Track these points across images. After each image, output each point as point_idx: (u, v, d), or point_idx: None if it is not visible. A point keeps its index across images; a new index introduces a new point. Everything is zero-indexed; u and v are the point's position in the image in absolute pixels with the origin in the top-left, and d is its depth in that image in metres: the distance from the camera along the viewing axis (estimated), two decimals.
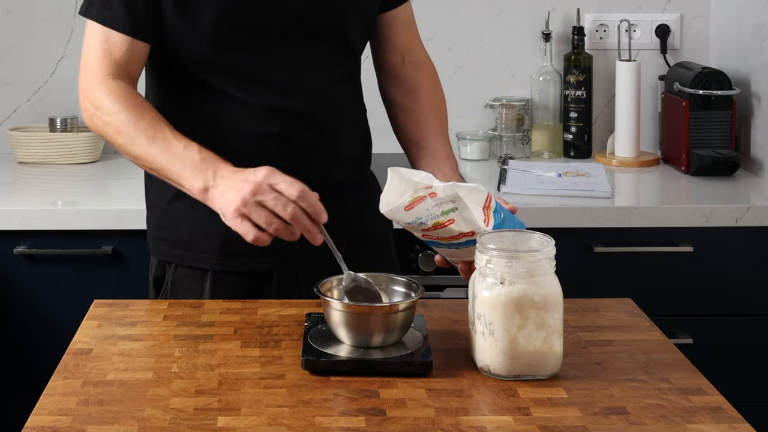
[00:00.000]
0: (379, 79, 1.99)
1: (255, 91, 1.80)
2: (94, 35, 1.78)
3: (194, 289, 1.85)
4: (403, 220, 1.56)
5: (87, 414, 1.36)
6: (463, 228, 1.54)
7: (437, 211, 1.53)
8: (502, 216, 1.59)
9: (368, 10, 1.89)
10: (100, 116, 1.75)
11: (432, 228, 1.55)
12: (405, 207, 1.54)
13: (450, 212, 1.54)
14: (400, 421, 1.33)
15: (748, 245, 2.51)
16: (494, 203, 1.60)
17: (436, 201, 1.53)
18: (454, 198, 1.53)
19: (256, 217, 1.56)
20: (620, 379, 1.46)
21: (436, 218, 1.54)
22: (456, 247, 1.59)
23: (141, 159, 1.72)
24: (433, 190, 1.53)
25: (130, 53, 1.77)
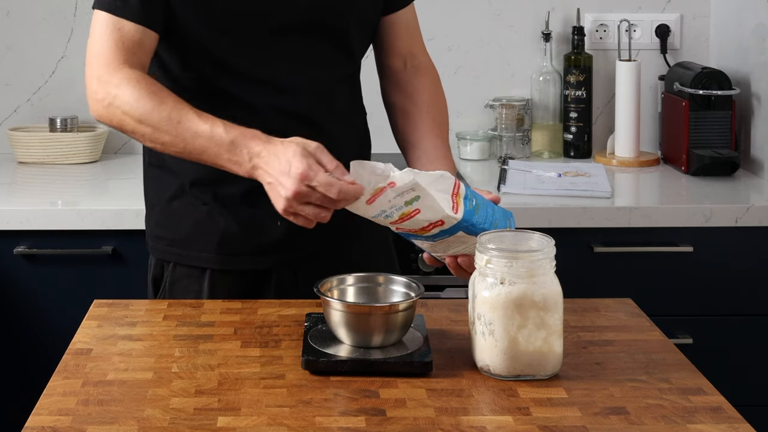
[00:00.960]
0: (382, 85, 1.99)
1: (256, 91, 1.80)
2: (104, 26, 1.75)
3: (193, 287, 1.86)
4: (367, 214, 1.55)
5: (87, 414, 1.36)
6: (430, 217, 1.52)
7: (400, 202, 1.52)
8: (474, 203, 1.56)
9: (370, 13, 1.89)
10: (119, 105, 1.70)
11: (399, 220, 1.54)
12: (366, 201, 1.53)
13: (413, 201, 1.52)
14: (400, 421, 1.33)
15: (748, 245, 2.51)
16: (464, 190, 1.56)
17: (396, 191, 1.51)
18: (413, 186, 1.50)
19: (305, 213, 1.55)
20: (620, 379, 1.46)
21: (400, 209, 1.52)
22: (432, 239, 1.57)
23: (170, 145, 1.68)
24: (390, 179, 1.51)
25: (142, 41, 1.75)
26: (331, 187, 1.52)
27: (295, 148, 1.56)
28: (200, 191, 1.84)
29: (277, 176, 1.56)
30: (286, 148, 1.57)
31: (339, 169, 1.54)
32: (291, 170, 1.54)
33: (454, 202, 1.54)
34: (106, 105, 1.72)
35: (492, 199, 1.65)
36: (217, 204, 1.84)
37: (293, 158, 1.54)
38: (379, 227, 1.71)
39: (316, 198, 1.53)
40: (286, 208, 1.55)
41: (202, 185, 1.84)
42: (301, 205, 1.54)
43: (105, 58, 1.74)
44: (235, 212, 1.83)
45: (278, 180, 1.56)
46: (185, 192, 1.85)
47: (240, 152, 1.61)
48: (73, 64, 3.00)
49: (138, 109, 1.68)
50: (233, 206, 1.83)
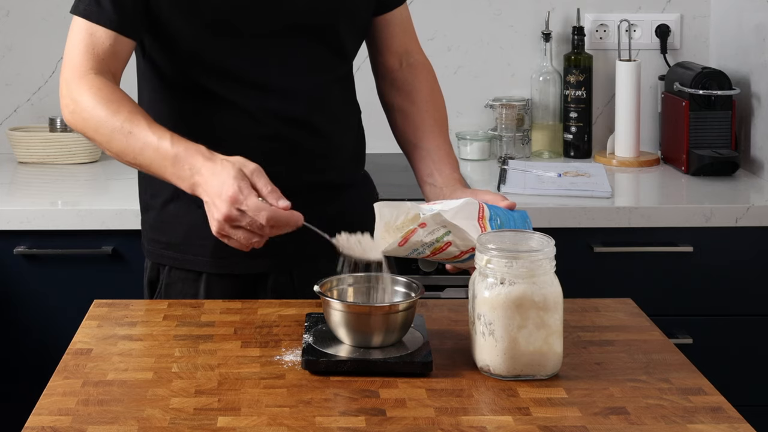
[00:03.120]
0: (378, 85, 1.99)
1: (249, 94, 1.80)
2: (78, 31, 1.76)
3: (188, 291, 1.85)
4: (401, 254, 1.57)
5: (87, 414, 1.36)
6: (462, 247, 1.57)
7: (431, 239, 1.55)
8: (499, 222, 1.60)
9: (361, 14, 1.89)
10: (79, 112, 1.72)
11: (432, 254, 1.57)
12: (398, 244, 1.55)
13: (444, 236, 1.55)
14: (400, 421, 1.33)
15: (748, 245, 2.51)
16: (488, 212, 1.61)
17: (426, 230, 1.54)
18: (443, 223, 1.54)
19: (237, 237, 1.56)
20: (620, 379, 1.46)
21: (432, 245, 1.56)
22: (461, 262, 1.61)
23: (122, 156, 1.69)
24: (421, 220, 1.53)
25: (113, 48, 1.75)
26: (260, 212, 1.52)
27: (230, 169, 1.55)
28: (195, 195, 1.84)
29: (212, 197, 1.56)
30: (223, 168, 1.56)
31: (273, 194, 1.54)
32: (223, 192, 1.54)
33: (482, 226, 1.58)
34: (71, 111, 1.74)
35: (508, 206, 1.68)
36: None
37: (227, 179, 1.54)
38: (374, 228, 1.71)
39: (246, 222, 1.53)
40: (218, 230, 1.56)
41: None
42: (232, 229, 1.54)
43: (74, 64, 1.75)
44: None
45: (213, 201, 1.56)
46: (180, 195, 1.85)
47: (182, 167, 1.62)
48: None
49: (94, 117, 1.70)
50: None
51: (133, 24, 1.76)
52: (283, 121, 1.81)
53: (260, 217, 1.52)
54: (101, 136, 1.70)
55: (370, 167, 2.02)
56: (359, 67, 2.01)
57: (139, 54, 1.86)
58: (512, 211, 1.67)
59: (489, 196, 1.71)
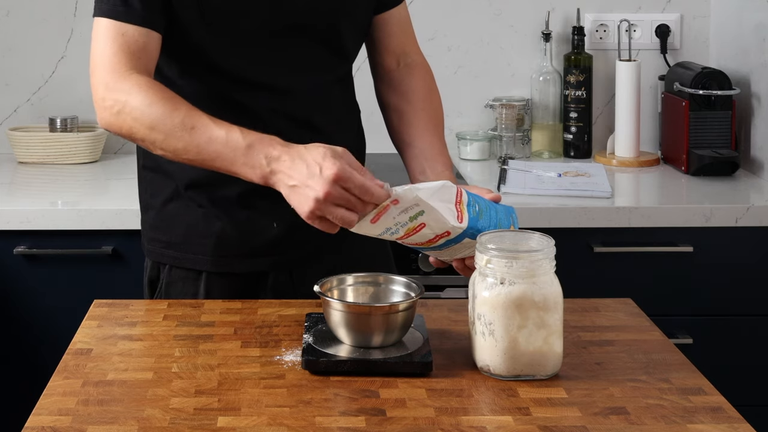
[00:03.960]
0: (376, 85, 1.99)
1: (252, 93, 1.80)
2: (106, 32, 1.73)
3: (189, 290, 1.85)
4: (372, 233, 1.54)
5: (87, 414, 1.36)
6: (436, 230, 1.53)
7: (404, 218, 1.51)
8: (477, 208, 1.56)
9: (362, 13, 1.89)
10: (129, 112, 1.67)
11: (405, 235, 1.54)
12: (371, 220, 1.52)
13: (418, 216, 1.51)
14: (400, 421, 1.33)
15: (748, 245, 2.51)
16: (466, 197, 1.56)
17: (399, 208, 1.50)
18: (416, 201, 1.50)
19: (333, 218, 1.52)
20: (620, 379, 1.46)
21: (405, 225, 1.52)
22: (438, 249, 1.58)
23: (183, 152, 1.65)
24: (394, 197, 1.50)
25: (146, 45, 1.73)
26: (366, 193, 1.49)
27: (324, 150, 1.53)
28: (195, 194, 1.84)
29: (303, 179, 1.53)
30: (311, 152, 1.54)
31: (368, 173, 1.53)
32: (323, 172, 1.50)
33: (458, 210, 1.53)
34: (116, 112, 1.69)
35: (493, 198, 1.65)
36: (213, 206, 1.83)
37: (324, 161, 1.52)
38: None
39: (346, 200, 1.51)
40: (314, 210, 1.52)
41: (197, 188, 1.83)
42: (331, 207, 1.51)
43: (111, 65, 1.71)
44: (230, 214, 1.83)
45: (305, 183, 1.52)
46: (180, 195, 1.85)
47: (257, 156, 1.58)
48: (73, 64, 3.00)
49: (150, 115, 1.65)
50: (229, 208, 1.83)
51: (159, 18, 1.74)
52: (283, 121, 1.81)
53: (366, 195, 1.49)
54: (158, 134, 1.65)
55: (370, 167, 2.01)
56: (359, 67, 2.01)
57: None
58: (497, 204, 1.63)
59: (474, 189, 1.68)
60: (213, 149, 1.62)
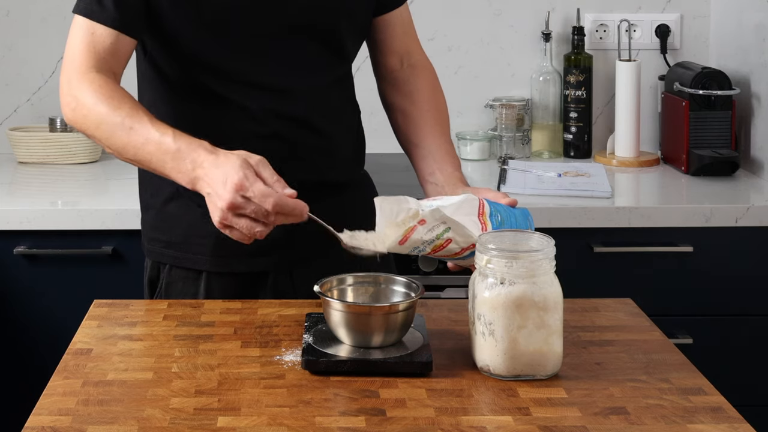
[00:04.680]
0: (379, 86, 1.99)
1: (249, 94, 1.80)
2: (79, 29, 1.76)
3: (189, 290, 1.85)
4: (402, 252, 1.57)
5: (87, 414, 1.36)
6: (462, 244, 1.56)
7: (431, 236, 1.55)
8: (499, 218, 1.60)
9: (361, 14, 1.89)
10: (80, 109, 1.71)
11: (432, 252, 1.57)
12: (399, 242, 1.54)
13: (444, 233, 1.55)
14: (400, 421, 1.33)
15: (748, 245, 2.51)
16: (488, 208, 1.60)
17: (426, 227, 1.54)
18: (443, 219, 1.53)
19: (239, 226, 1.54)
20: (620, 379, 1.46)
21: (432, 243, 1.55)
22: (462, 259, 1.60)
23: (122, 152, 1.68)
24: (420, 217, 1.53)
25: (114, 47, 1.75)
26: (266, 198, 1.51)
27: (235, 159, 1.55)
28: (195, 194, 1.83)
29: (214, 187, 1.55)
30: (227, 159, 1.56)
31: (279, 183, 1.54)
32: (227, 181, 1.53)
33: (482, 222, 1.57)
34: (72, 108, 1.73)
35: (509, 203, 1.68)
36: None
37: (231, 168, 1.53)
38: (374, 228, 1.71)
39: (251, 210, 1.52)
40: (221, 219, 1.54)
41: None
42: (235, 218, 1.53)
43: (76, 62, 1.74)
44: None
45: (215, 191, 1.55)
46: (180, 194, 1.85)
47: (184, 161, 1.61)
48: None
49: (96, 114, 1.69)
50: None
51: (134, 23, 1.76)
52: (283, 121, 1.81)
53: (266, 203, 1.51)
54: (102, 133, 1.69)
55: (370, 167, 2.02)
56: (359, 67, 2.01)
57: (141, 55, 1.86)
58: (513, 208, 1.67)
59: (490, 194, 1.71)
60: (147, 151, 1.65)
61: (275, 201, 1.51)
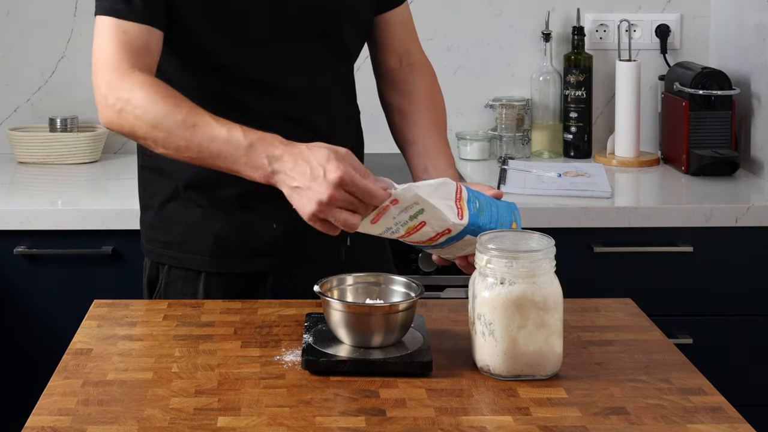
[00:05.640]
0: (378, 86, 1.99)
1: (253, 93, 1.80)
2: (107, 30, 1.72)
3: (188, 290, 1.85)
4: (373, 233, 1.54)
5: (87, 414, 1.36)
6: (437, 228, 1.52)
7: (404, 217, 1.51)
8: (477, 204, 1.55)
9: (363, 14, 1.89)
10: (131, 110, 1.66)
11: (406, 234, 1.53)
12: (371, 221, 1.52)
13: (418, 215, 1.51)
14: (400, 421, 1.33)
15: (748, 245, 2.51)
16: (466, 193, 1.55)
17: (399, 207, 1.50)
18: (416, 200, 1.49)
19: (335, 220, 1.51)
20: (620, 379, 1.46)
21: (406, 224, 1.52)
22: (440, 246, 1.57)
23: (184, 150, 1.64)
24: (393, 196, 1.49)
25: (148, 43, 1.72)
26: (371, 198, 1.49)
27: (327, 152, 1.52)
28: (195, 194, 1.84)
29: (306, 181, 1.52)
30: (314, 152, 1.53)
31: (371, 175, 1.52)
32: (327, 175, 1.49)
33: (459, 207, 1.53)
34: (118, 110, 1.68)
35: (494, 195, 1.64)
36: (212, 206, 1.83)
37: (328, 163, 1.51)
38: None
39: (349, 203, 1.50)
40: (317, 212, 1.51)
41: (197, 188, 1.83)
42: (334, 210, 1.50)
43: (113, 63, 1.70)
44: (229, 215, 1.83)
45: (308, 185, 1.51)
46: (179, 195, 1.85)
47: (259, 156, 1.57)
48: (73, 64, 3.00)
49: (152, 113, 1.65)
50: (228, 209, 1.83)
51: (160, 15, 1.73)
52: (284, 121, 1.81)
53: (368, 198, 1.48)
54: (159, 132, 1.64)
55: (370, 167, 2.00)
56: (359, 67, 2.01)
57: None
58: (498, 200, 1.63)
59: (477, 186, 1.68)
60: (214, 148, 1.61)
61: (378, 199, 1.49)
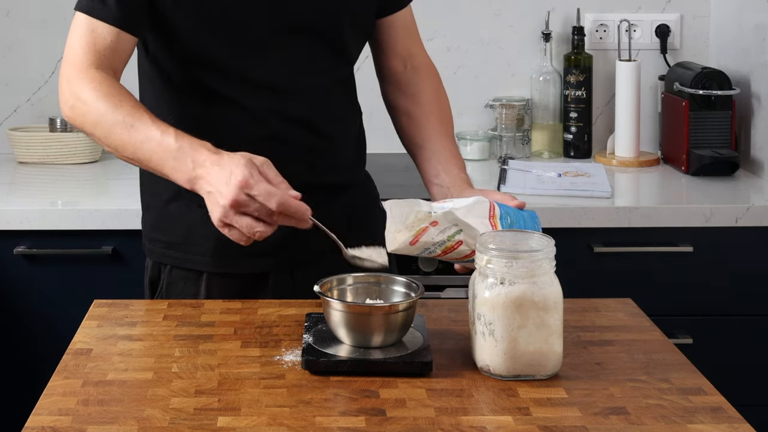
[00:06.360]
0: (382, 88, 1.99)
1: (251, 94, 1.80)
2: (80, 26, 1.75)
3: (189, 290, 1.85)
4: (411, 254, 1.57)
5: (87, 414, 1.36)
6: (473, 246, 1.55)
7: (443, 238, 1.55)
8: (509, 221, 1.60)
9: (364, 15, 1.89)
10: (79, 107, 1.70)
11: (443, 254, 1.58)
12: (410, 242, 1.55)
13: (455, 235, 1.55)
14: (400, 421, 1.33)
15: (748, 245, 2.51)
16: (499, 210, 1.60)
17: (438, 229, 1.54)
18: (455, 222, 1.54)
19: (239, 226, 1.53)
20: (620, 379, 1.46)
21: (443, 244, 1.56)
22: (472, 261, 1.60)
23: (121, 150, 1.67)
24: (433, 218, 1.53)
25: (115, 45, 1.74)
26: (271, 197, 1.50)
27: (240, 159, 1.54)
28: (196, 194, 1.84)
29: (216, 185, 1.54)
30: (231, 159, 1.55)
31: (284, 184, 1.53)
32: (231, 179, 1.52)
33: (492, 225, 1.57)
34: (70, 106, 1.72)
35: (517, 205, 1.68)
36: None
37: (235, 168, 1.53)
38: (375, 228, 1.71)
39: (254, 208, 1.51)
40: (222, 217, 1.53)
41: None
42: (237, 216, 1.52)
43: (75, 59, 1.73)
44: None
45: (217, 189, 1.54)
46: (181, 195, 1.85)
47: (185, 161, 1.60)
48: None
49: (95, 110, 1.68)
50: None
51: (135, 20, 1.75)
52: (285, 122, 1.81)
53: (271, 202, 1.50)
54: (101, 130, 1.68)
55: (371, 167, 2.02)
56: (359, 67, 2.01)
57: (142, 54, 1.86)
58: (522, 210, 1.67)
59: (498, 195, 1.71)
60: (147, 149, 1.63)
61: (279, 200, 1.51)
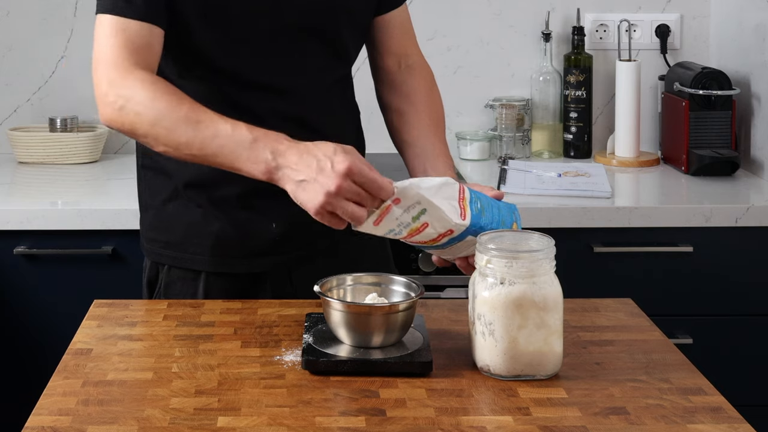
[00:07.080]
0: (376, 87, 1.98)
1: (253, 94, 1.80)
2: (108, 28, 1.72)
3: (187, 290, 1.85)
4: (376, 234, 1.53)
5: (87, 414, 1.36)
6: (440, 229, 1.52)
7: (407, 218, 1.50)
8: (479, 205, 1.55)
9: (362, 15, 1.89)
10: (132, 107, 1.65)
11: (409, 236, 1.53)
12: (374, 222, 1.51)
13: (420, 215, 1.50)
14: (400, 421, 1.33)
15: (748, 245, 2.51)
16: (469, 194, 1.55)
17: (401, 207, 1.49)
18: (419, 199, 1.49)
19: (343, 212, 1.50)
20: (620, 379, 1.46)
21: (408, 226, 1.51)
22: (441, 247, 1.57)
23: (185, 147, 1.63)
24: (395, 196, 1.49)
25: (149, 41, 1.72)
26: (376, 184, 1.49)
27: (334, 146, 1.53)
28: (194, 193, 1.84)
29: (313, 174, 1.51)
30: (320, 147, 1.53)
31: (374, 170, 1.52)
32: (335, 166, 1.49)
33: (461, 207, 1.53)
34: (118, 108, 1.67)
35: (495, 195, 1.64)
36: (212, 206, 1.83)
37: (334, 155, 1.51)
38: None
39: (357, 194, 1.49)
40: (324, 204, 1.50)
41: (197, 187, 1.83)
42: (342, 202, 1.50)
43: (113, 61, 1.69)
44: (229, 215, 1.83)
45: (315, 177, 1.51)
46: (179, 194, 1.85)
47: (262, 151, 1.57)
48: (73, 63, 3.00)
49: (153, 110, 1.64)
50: (228, 209, 1.83)
51: (161, 13, 1.73)
52: (283, 121, 1.81)
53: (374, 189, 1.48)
54: (161, 129, 1.63)
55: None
56: (359, 67, 2.01)
57: None
58: (499, 201, 1.63)
59: (478, 187, 1.68)
60: (217, 144, 1.60)
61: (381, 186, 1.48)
